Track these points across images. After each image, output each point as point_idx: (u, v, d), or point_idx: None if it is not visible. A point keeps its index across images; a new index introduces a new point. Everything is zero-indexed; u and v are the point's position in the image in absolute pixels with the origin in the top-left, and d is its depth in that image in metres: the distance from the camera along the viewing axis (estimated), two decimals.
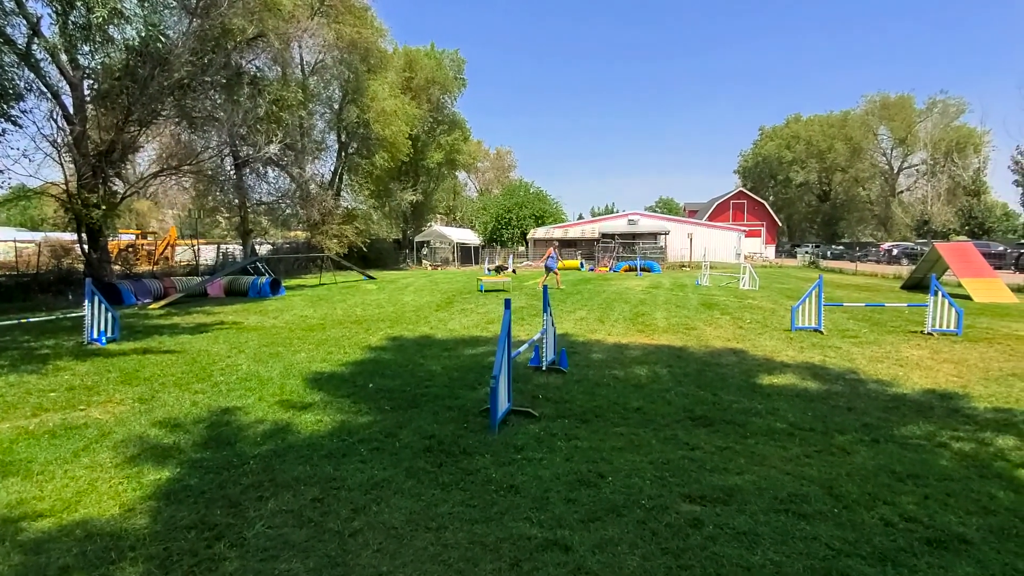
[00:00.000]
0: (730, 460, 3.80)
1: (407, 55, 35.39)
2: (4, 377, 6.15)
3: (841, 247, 49.78)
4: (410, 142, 31.74)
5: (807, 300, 9.12)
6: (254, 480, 3.52)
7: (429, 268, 34.53)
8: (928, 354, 7.22)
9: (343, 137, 30.25)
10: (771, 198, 63.50)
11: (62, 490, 3.40)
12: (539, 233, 39.84)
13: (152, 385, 5.87)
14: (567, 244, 38.98)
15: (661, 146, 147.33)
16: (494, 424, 4.34)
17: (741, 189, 58.78)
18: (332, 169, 31.15)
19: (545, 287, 7.70)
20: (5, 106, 10.68)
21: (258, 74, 19.05)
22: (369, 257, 30.89)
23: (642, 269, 27.96)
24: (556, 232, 39.69)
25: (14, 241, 21.99)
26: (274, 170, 22.95)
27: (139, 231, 31.24)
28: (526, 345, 5.85)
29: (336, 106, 28.89)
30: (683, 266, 33.08)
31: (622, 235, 37.72)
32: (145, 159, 21.40)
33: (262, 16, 16.61)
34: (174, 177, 20.20)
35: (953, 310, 8.55)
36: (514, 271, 24.36)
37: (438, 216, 52.20)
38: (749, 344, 7.97)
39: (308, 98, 23.31)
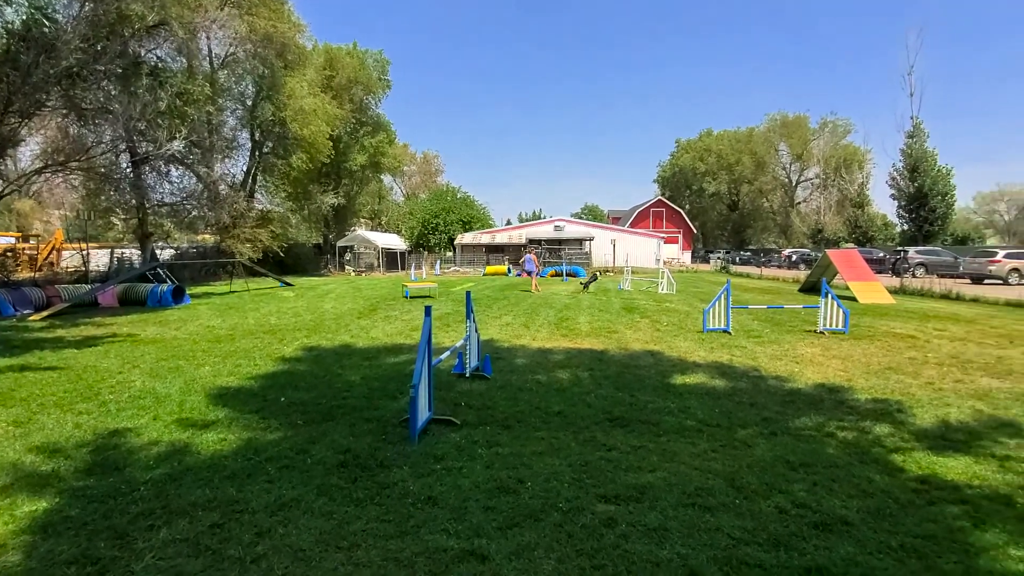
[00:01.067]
0: (644, 459, 3.94)
1: (328, 53, 34.13)
2: None
3: (748, 253, 53.73)
4: (331, 143, 30.58)
5: (717, 303, 9.73)
6: (145, 508, 3.20)
7: (352, 274, 33.39)
8: (820, 351, 7.91)
9: (257, 135, 28.59)
10: (687, 207, 67.42)
11: None
12: (467, 239, 39.73)
13: (29, 406, 5.21)
14: (495, 250, 39.17)
15: (587, 153, 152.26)
16: (414, 434, 4.23)
17: (660, 198, 61.92)
18: (245, 169, 29.31)
19: (468, 293, 7.63)
20: None
21: (160, 65, 17.60)
22: (287, 262, 29.38)
23: (568, 274, 28.64)
24: (483, 238, 39.78)
25: None
26: (178, 168, 21.22)
27: (20, 234, 27.76)
28: (448, 352, 5.78)
29: (249, 103, 27.25)
30: (607, 271, 34.26)
31: (548, 241, 38.46)
32: (28, 154, 19.12)
33: (164, 2, 15.36)
34: (61, 174, 18.15)
35: (841, 311, 9.44)
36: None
37: (362, 220, 50.62)
38: (665, 346, 8.36)
39: (217, 93, 21.84)
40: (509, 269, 33.21)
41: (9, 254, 22.83)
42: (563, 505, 3.21)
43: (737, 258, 49.07)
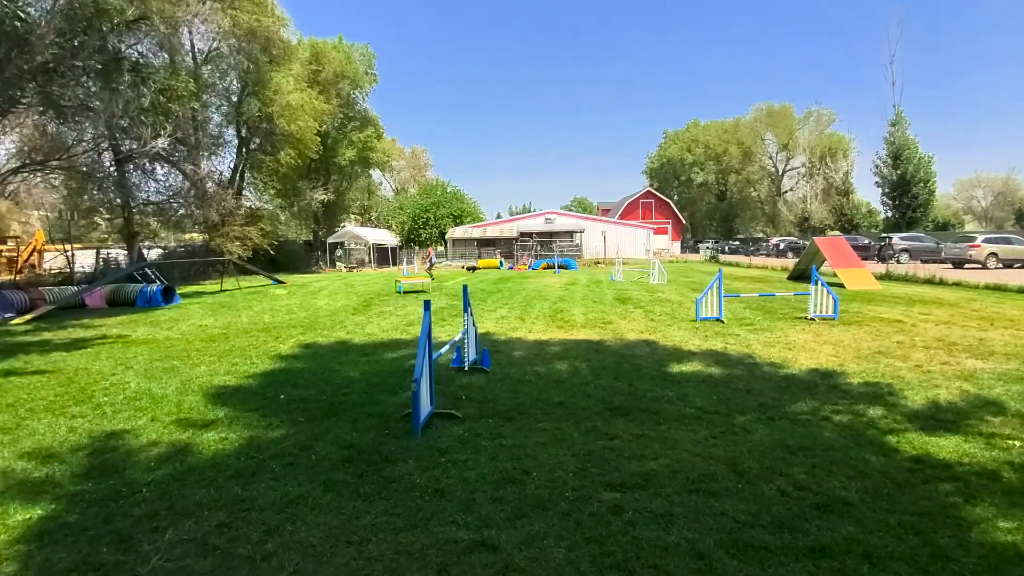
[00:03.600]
0: (646, 447, 3.98)
1: (313, 47, 33.69)
2: None
3: (737, 242, 54.21)
4: (319, 139, 30.24)
5: (709, 292, 9.81)
6: (148, 510, 3.18)
7: (344, 270, 33.18)
8: (811, 337, 8.03)
9: (244, 132, 28.20)
10: (676, 197, 67.75)
11: None
12: (458, 233, 39.63)
13: (17, 412, 5.13)
14: (486, 243, 39.13)
15: (576, 146, 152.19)
16: (417, 428, 4.24)
17: (649, 189, 62.18)
18: (232, 166, 28.95)
19: (465, 287, 7.62)
20: None
21: (141, 61, 17.26)
22: (277, 260, 29.09)
23: (559, 267, 28.71)
24: (475, 232, 39.70)
25: None
26: (163, 166, 20.88)
27: None
28: (447, 346, 5.78)
29: (235, 98, 26.85)
30: (598, 263, 34.38)
31: (540, 234, 38.49)
32: (2, 153, 18.67)
33: None
34: (39, 174, 17.80)
35: (831, 297, 9.57)
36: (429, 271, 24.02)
37: (352, 216, 50.26)
38: (660, 335, 8.43)
39: (201, 88, 21.47)
40: (501, 262, 33.21)
41: None
42: (570, 494, 3.25)
43: (726, 247, 49.47)
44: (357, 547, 2.74)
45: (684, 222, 62.34)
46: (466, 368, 6.28)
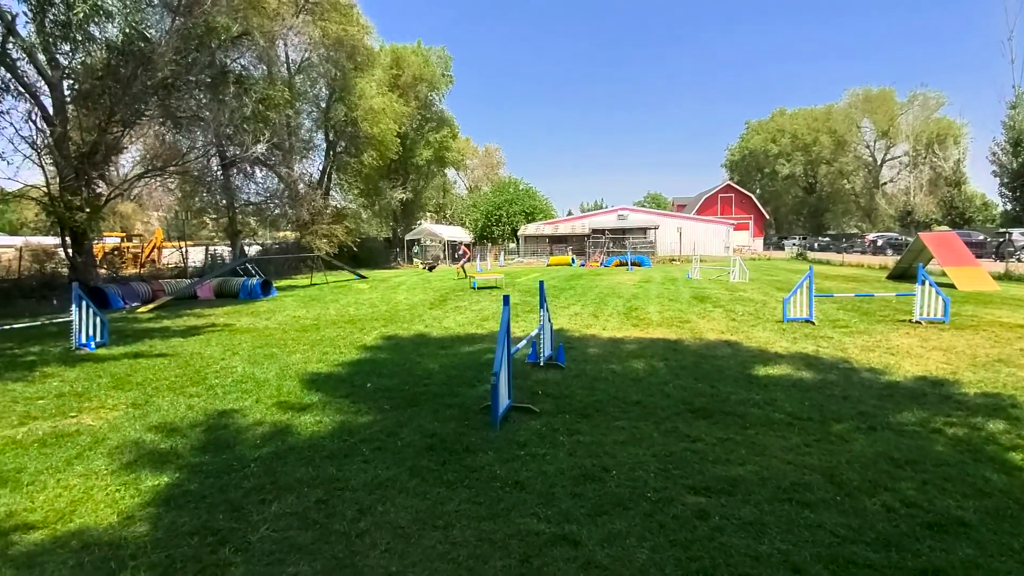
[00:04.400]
0: (732, 451, 3.83)
1: (393, 52, 35.11)
2: None
3: (827, 239, 50.37)
4: (399, 140, 31.52)
5: (798, 291, 9.22)
6: (256, 483, 3.49)
7: (421, 266, 34.39)
8: (917, 342, 7.33)
9: (331, 136, 29.96)
10: (758, 191, 64.03)
11: (55, 500, 3.33)
12: (530, 230, 39.84)
13: (145, 390, 5.79)
14: (558, 240, 39.04)
15: (649, 141, 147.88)
16: (496, 421, 4.34)
17: (729, 183, 59.15)
18: (320, 168, 30.87)
19: (541, 283, 7.64)
20: None
21: (243, 73, 18.79)
22: (360, 256, 30.67)
23: (633, 264, 28.08)
24: (546, 228, 39.73)
25: None
26: (262, 170, 22.66)
27: (124, 234, 30.67)
28: (524, 341, 5.85)
29: (323, 104, 28.60)
30: (673, 260, 33.29)
31: (612, 230, 37.84)
32: (129, 160, 21.05)
33: (246, 14, 16.37)
34: (159, 178, 19.88)
35: (940, 298, 8.68)
36: (430, 268, 24.74)
37: (428, 214, 51.96)
38: (743, 336, 8.04)
39: (295, 97, 23.03)
40: (573, 259, 33.01)
41: (115, 252, 25.33)
42: (651, 495, 3.19)
43: (815, 244, 46.15)
44: (443, 531, 2.86)
45: (767, 217, 58.80)
46: (541, 364, 6.32)
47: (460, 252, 26.54)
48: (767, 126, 66.76)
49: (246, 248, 26.05)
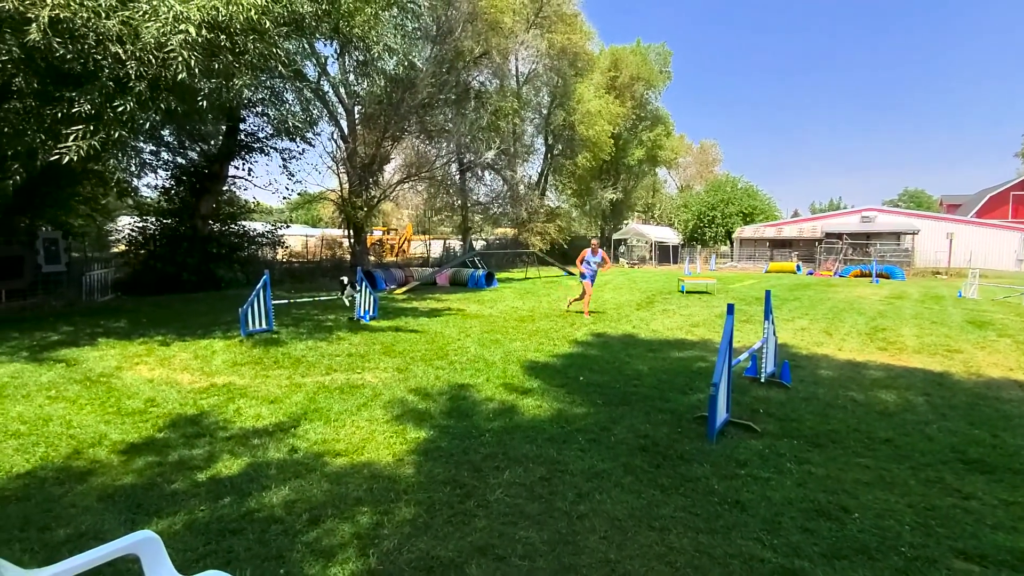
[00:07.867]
0: (1020, 519, 3.08)
1: (612, 54, 35.45)
2: (304, 342, 8.03)
3: None
4: (612, 141, 31.83)
5: None
6: (490, 451, 4.04)
7: (627, 266, 34.28)
8: None
9: (549, 140, 31.80)
10: None
11: (352, 436, 4.36)
12: (747, 232, 36.39)
13: (405, 358, 7.08)
14: (780, 244, 34.85)
15: (903, 130, 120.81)
16: (712, 433, 4.22)
17: None
18: (539, 171, 33.04)
19: (767, 292, 6.99)
20: (306, 132, 13.91)
21: (481, 88, 21.22)
22: (569, 254, 31.98)
23: (879, 275, 23.56)
24: (767, 231, 35.78)
25: (306, 236, 28.34)
26: (490, 173, 25.38)
27: (385, 228, 37.38)
28: (746, 354, 5.51)
29: (544, 111, 30.49)
30: (937, 273, 26.89)
31: (852, 234, 32.22)
32: (390, 168, 25.67)
33: (487, 36, 18.44)
34: (412, 182, 23.75)
35: None
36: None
37: (636, 214, 51.32)
38: None
39: (521, 106, 25.10)
40: (799, 267, 29.15)
41: (379, 243, 31.04)
42: (905, 550, 2.78)
43: None
44: (659, 533, 2.95)
45: None
46: (762, 380, 5.86)
47: (598, 256, 11.30)
48: None
49: (473, 243, 29.43)
